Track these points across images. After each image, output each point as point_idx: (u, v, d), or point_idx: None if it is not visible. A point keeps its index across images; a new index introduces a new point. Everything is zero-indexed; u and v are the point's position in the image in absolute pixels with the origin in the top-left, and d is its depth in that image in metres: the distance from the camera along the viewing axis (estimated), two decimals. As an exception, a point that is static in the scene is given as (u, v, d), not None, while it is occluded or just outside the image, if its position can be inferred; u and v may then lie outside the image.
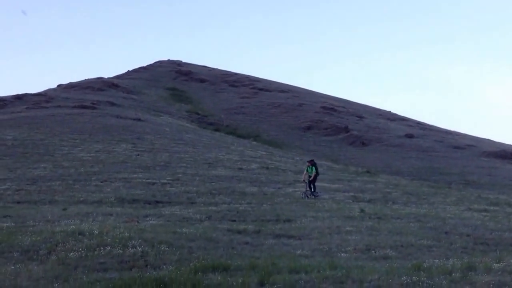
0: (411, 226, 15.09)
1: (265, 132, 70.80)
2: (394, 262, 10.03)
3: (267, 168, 31.35)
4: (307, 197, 21.66)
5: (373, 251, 11.20)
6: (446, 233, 14.07)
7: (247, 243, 11.96)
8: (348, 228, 14.11)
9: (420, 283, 8.17)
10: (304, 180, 22.75)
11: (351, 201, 21.24)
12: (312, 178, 22.38)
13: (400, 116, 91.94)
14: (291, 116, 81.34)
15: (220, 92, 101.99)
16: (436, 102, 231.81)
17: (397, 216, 17.03)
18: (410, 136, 69.61)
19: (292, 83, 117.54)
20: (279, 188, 23.89)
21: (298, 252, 10.96)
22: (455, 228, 14.90)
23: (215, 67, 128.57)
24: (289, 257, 10.19)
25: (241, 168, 30.25)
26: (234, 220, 15.50)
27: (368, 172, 35.38)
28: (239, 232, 13.28)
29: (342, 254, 10.83)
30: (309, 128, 74.85)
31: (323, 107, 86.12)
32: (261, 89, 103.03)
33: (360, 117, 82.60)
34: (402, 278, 8.37)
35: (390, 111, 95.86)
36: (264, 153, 43.11)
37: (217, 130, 66.41)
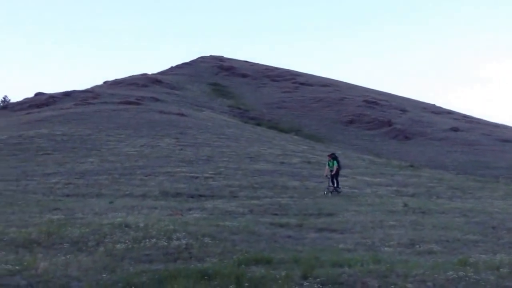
0: (457, 220, 14.80)
1: (306, 127, 70.52)
2: (439, 257, 9.87)
3: (309, 162, 31.25)
4: (330, 193, 20.84)
5: (417, 246, 11.04)
6: (493, 228, 13.74)
7: (289, 236, 12.00)
8: (391, 223, 13.96)
9: (467, 278, 8.02)
10: (326, 175, 21.91)
11: (394, 195, 20.97)
12: (334, 172, 21.67)
13: (445, 109, 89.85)
14: (332, 110, 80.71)
15: (262, 87, 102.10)
16: (483, 95, 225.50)
17: (441, 211, 16.73)
18: (455, 129, 67.97)
19: (333, 77, 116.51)
20: (321, 182, 23.80)
21: (341, 246, 10.92)
22: (502, 222, 14.53)
23: (257, 62, 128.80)
24: (332, 251, 10.17)
25: (283, 162, 30.26)
26: (276, 214, 15.55)
27: (411, 166, 34.81)
28: (281, 225, 13.32)
29: (386, 249, 10.73)
30: (351, 122, 74.11)
31: (366, 101, 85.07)
32: (302, 84, 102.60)
33: (403, 111, 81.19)
34: (448, 273, 8.23)
35: (434, 104, 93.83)
36: (305, 147, 42.98)
37: (258, 124, 66.55)
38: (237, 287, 7.41)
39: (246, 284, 7.52)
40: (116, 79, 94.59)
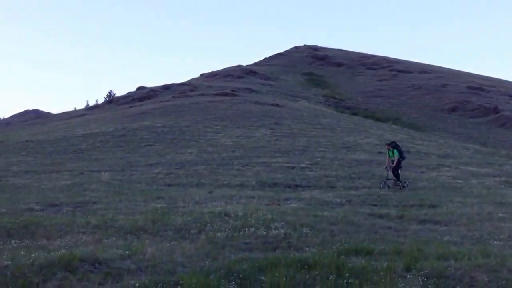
0: None
1: (405, 115, 68.32)
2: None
3: (408, 151, 30.23)
4: (388, 186, 18.78)
5: (530, 240, 10.32)
6: None
7: (390, 227, 11.68)
8: (500, 215, 13.15)
9: None
10: (386, 167, 19.87)
11: (503, 186, 19.73)
12: (395, 164, 19.37)
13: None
14: (433, 97, 77.53)
15: (358, 75, 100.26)
16: None
17: (557, 203, 15.51)
18: None
19: (434, 63, 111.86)
20: (421, 172, 22.96)
21: (446, 238, 10.44)
22: None
23: (352, 50, 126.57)
24: (436, 243, 9.75)
25: (380, 152, 29.51)
26: (375, 205, 15.19)
27: (522, 155, 32.62)
28: (381, 216, 13.00)
29: (495, 242, 10.11)
30: (453, 109, 70.82)
31: (470, 87, 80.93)
32: (400, 71, 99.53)
33: (512, 97, 76.35)
34: None
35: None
36: (404, 136, 41.65)
37: (354, 114, 65.47)
38: (338, 277, 7.31)
39: (347, 274, 7.40)
40: (212, 71, 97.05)
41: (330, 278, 7.22)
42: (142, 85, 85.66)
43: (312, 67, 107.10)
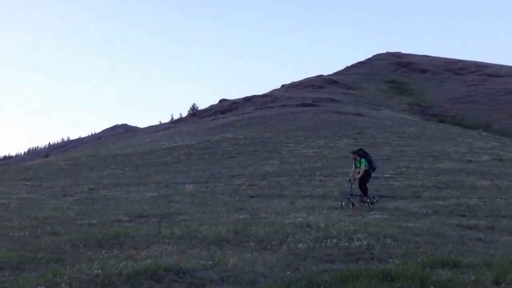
0: None
1: (495, 121, 65.08)
2: None
3: (500, 160, 28.77)
4: (352, 204, 15.99)
5: None
6: None
7: (479, 239, 11.10)
8: None
9: None
10: (350, 180, 16.90)
11: None
12: (361, 175, 16.48)
13: None
14: (526, 102, 73.29)
15: (444, 81, 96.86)
16: None
17: None
18: None
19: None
20: (514, 181, 21.73)
21: (542, 251, 9.78)
22: None
23: (437, 55, 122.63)
24: (530, 256, 9.15)
25: (470, 161, 28.29)
26: (464, 215, 14.52)
27: None
28: (469, 227, 12.40)
29: None
30: (549, 114, 66.57)
31: None
32: (490, 75, 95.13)
33: None
34: None
35: None
36: (496, 144, 39.65)
37: (441, 121, 63.29)
38: (422, 291, 7.04)
39: (432, 287, 7.12)
40: (293, 82, 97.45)
41: (414, 291, 6.97)
42: (224, 97, 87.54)
43: (395, 74, 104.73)
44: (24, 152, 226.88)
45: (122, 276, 7.62)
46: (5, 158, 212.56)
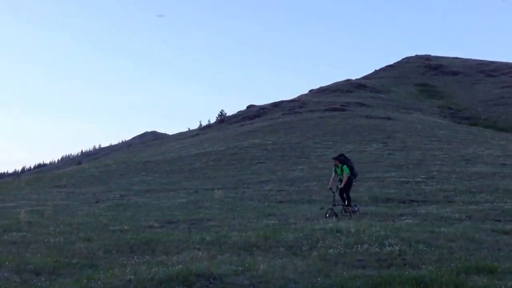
0: None
1: (530, 123, 63.57)
2: None
3: (536, 163, 28.08)
4: (335, 215, 14.94)
5: None
6: None
7: (515, 245, 10.85)
8: None
9: None
10: (330, 188, 15.64)
11: None
12: (343, 184, 15.27)
13: None
14: (563, 103, 71.49)
15: (476, 83, 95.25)
16: None
17: None
18: None
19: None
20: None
21: None
22: None
23: (469, 57, 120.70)
24: None
25: (504, 164, 27.70)
26: (499, 220, 14.20)
27: None
28: (505, 232, 12.13)
29: None
30: None
31: None
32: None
33: None
34: None
35: None
36: (531, 146, 38.72)
37: (473, 124, 62.20)
38: (457, 297, 6.92)
39: (467, 294, 6.99)
40: (321, 87, 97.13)
41: (449, 298, 6.86)
42: (252, 103, 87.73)
43: (425, 77, 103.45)
44: (58, 160, 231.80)
45: (154, 282, 7.68)
46: (39, 166, 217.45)
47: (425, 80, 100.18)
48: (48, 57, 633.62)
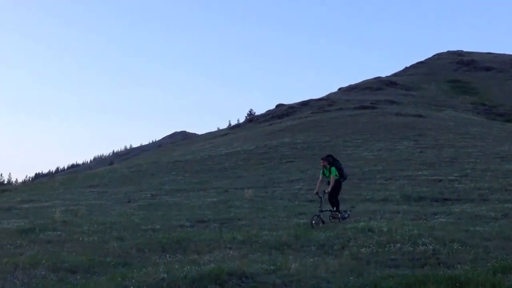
0: None
1: None
2: None
3: None
4: (322, 222, 13.73)
5: None
6: None
7: (554, 244, 10.57)
8: None
9: None
10: (317, 192, 14.36)
11: None
12: (331, 187, 14.20)
13: None
14: None
15: (510, 79, 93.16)
16: None
17: None
18: None
19: None
20: None
21: None
22: None
23: (502, 52, 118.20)
24: None
25: (540, 161, 27.03)
26: (537, 219, 13.88)
27: None
28: (543, 231, 11.83)
29: None
30: None
31: None
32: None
33: None
34: None
35: None
36: None
37: (508, 121, 60.87)
38: (494, 298, 6.77)
39: (505, 294, 6.84)
40: (350, 85, 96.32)
41: (485, 298, 6.72)
42: (281, 102, 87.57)
43: (457, 73, 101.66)
44: (90, 160, 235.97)
45: (187, 280, 7.74)
46: (73, 166, 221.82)
47: (457, 76, 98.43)
48: (80, 58, 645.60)
